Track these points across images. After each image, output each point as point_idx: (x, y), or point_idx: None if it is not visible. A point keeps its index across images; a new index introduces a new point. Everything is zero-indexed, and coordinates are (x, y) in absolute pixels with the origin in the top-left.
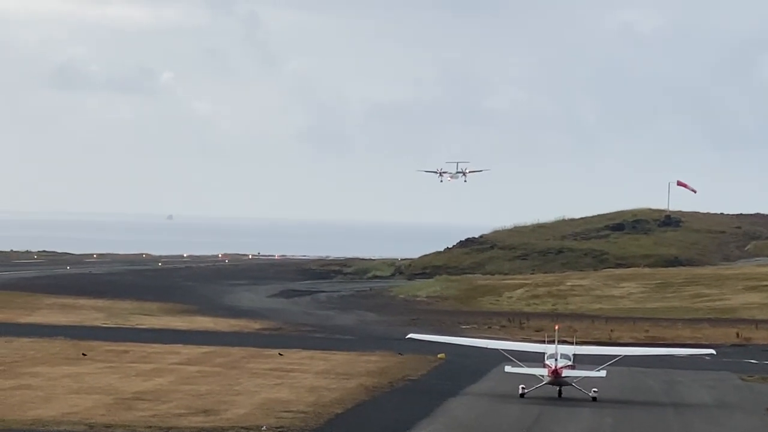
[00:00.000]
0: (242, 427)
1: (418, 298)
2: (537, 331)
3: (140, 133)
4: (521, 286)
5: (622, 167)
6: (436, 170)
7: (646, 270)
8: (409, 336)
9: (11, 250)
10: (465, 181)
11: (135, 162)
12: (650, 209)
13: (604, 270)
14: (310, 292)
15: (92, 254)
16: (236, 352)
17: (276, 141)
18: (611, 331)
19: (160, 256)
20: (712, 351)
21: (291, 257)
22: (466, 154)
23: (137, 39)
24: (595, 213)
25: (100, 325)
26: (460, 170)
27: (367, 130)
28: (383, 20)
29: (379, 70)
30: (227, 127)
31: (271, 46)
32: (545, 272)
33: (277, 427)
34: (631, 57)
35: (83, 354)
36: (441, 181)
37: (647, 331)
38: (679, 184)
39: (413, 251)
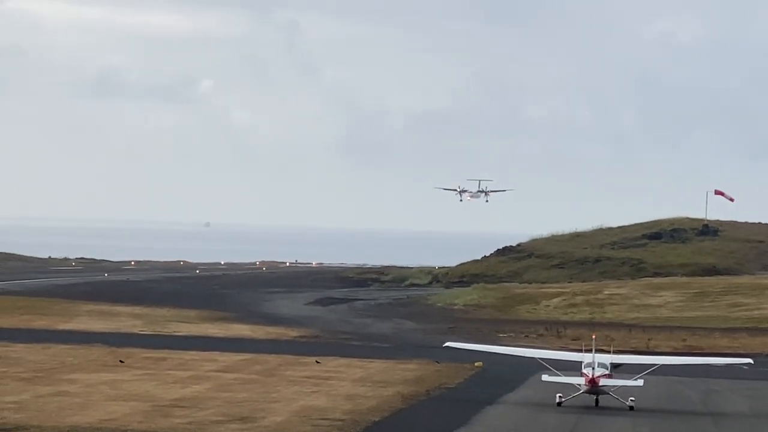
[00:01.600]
0: None
1: (456, 307)
2: (574, 339)
3: (179, 141)
4: (558, 294)
5: (660, 176)
6: (455, 188)
7: (684, 279)
8: (447, 344)
9: (49, 257)
10: (487, 201)
11: (173, 170)
12: (688, 218)
13: (642, 279)
14: (347, 300)
15: (130, 261)
16: (273, 359)
17: (314, 149)
18: (649, 340)
19: (198, 264)
20: (749, 360)
21: (328, 265)
22: (502, 163)
23: (177, 47)
24: (633, 222)
25: (137, 332)
26: (481, 189)
27: (404, 140)
28: (420, 30)
29: (416, 79)
30: (265, 135)
31: (310, 54)
32: (582, 281)
33: None
34: (669, 66)
35: (121, 361)
36: (461, 200)
37: (684, 340)
38: (717, 192)
39: (451, 259)
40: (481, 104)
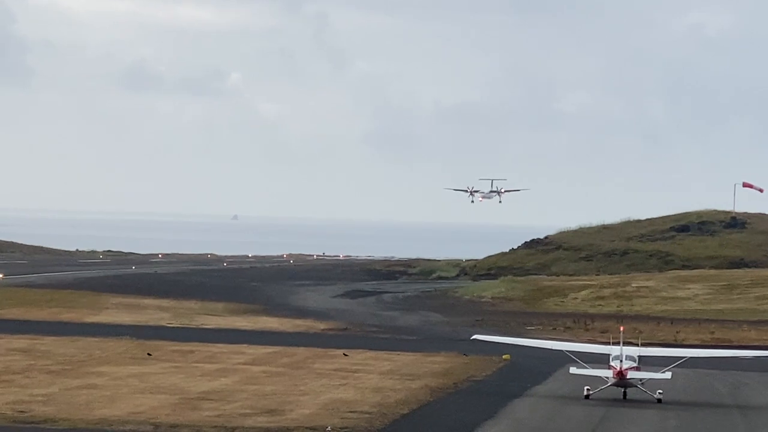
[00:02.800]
0: (307, 428)
1: (483, 299)
2: (602, 332)
3: (207, 134)
4: (586, 287)
5: (689, 168)
6: (466, 188)
7: (712, 271)
8: (474, 337)
9: (77, 250)
10: (500, 201)
11: (201, 162)
12: (716, 210)
13: (670, 271)
14: (375, 293)
15: (158, 254)
16: (301, 352)
17: (342, 142)
18: (677, 332)
19: (225, 256)
20: None
21: (356, 258)
22: (531, 156)
23: (206, 40)
24: (661, 214)
25: (165, 324)
26: (494, 189)
27: (434, 133)
28: (451, 23)
29: (446, 72)
30: (294, 128)
31: (340, 47)
32: (610, 273)
33: (341, 428)
34: (700, 59)
35: (149, 354)
36: (472, 201)
37: (713, 332)
38: (745, 185)
39: (478, 252)
40: (511, 97)
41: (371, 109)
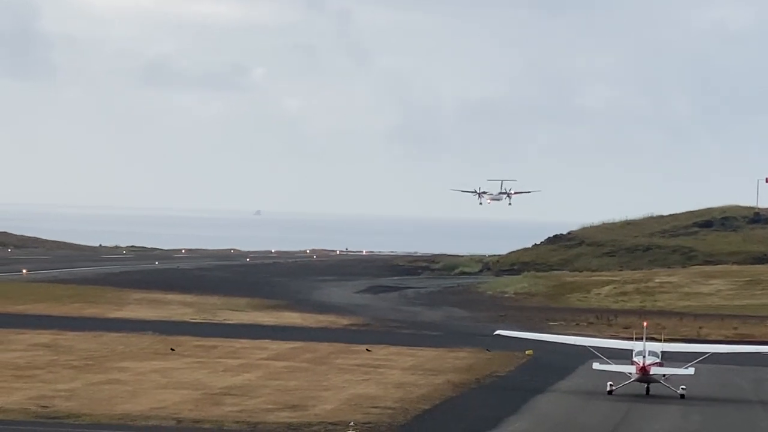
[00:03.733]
0: (330, 423)
1: (506, 295)
2: (625, 328)
3: (230, 129)
4: (609, 283)
5: (711, 164)
6: (474, 190)
7: (735, 267)
8: (497, 332)
9: (100, 246)
10: (510, 203)
11: (224, 158)
12: (739, 206)
13: (693, 267)
14: (397, 288)
15: (181, 249)
16: (324, 347)
17: (365, 138)
18: (699, 328)
19: (248, 252)
20: None
21: (379, 253)
22: (554, 151)
23: (228, 35)
24: (684, 210)
25: (188, 320)
26: (504, 190)
27: (457, 128)
28: (473, 18)
29: (469, 68)
30: (317, 123)
31: (363, 43)
32: (633, 269)
33: (364, 423)
34: (722, 54)
35: (172, 349)
36: (480, 203)
37: (736, 328)
38: None
39: (501, 247)
40: (533, 92)
41: (393, 105)
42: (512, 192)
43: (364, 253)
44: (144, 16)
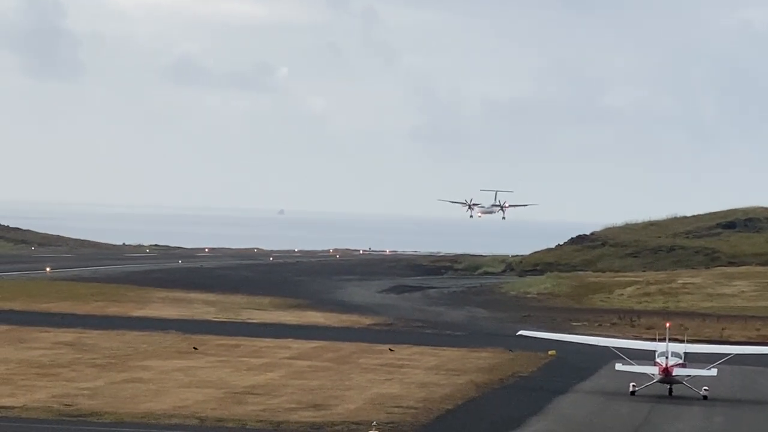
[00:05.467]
0: (352, 423)
1: (529, 295)
2: (648, 329)
3: (254, 128)
4: (632, 283)
5: (735, 165)
6: (463, 201)
7: (758, 268)
8: (520, 333)
9: (123, 244)
10: (503, 217)
11: (248, 157)
12: (763, 207)
13: (716, 268)
14: (420, 288)
15: (204, 248)
16: (347, 347)
17: (390, 137)
18: (723, 329)
19: (272, 251)
20: None
21: (402, 253)
22: (579, 151)
23: (254, 35)
24: (707, 211)
25: (211, 319)
26: (497, 203)
27: (482, 128)
28: (499, 18)
29: (494, 67)
30: (341, 122)
31: (387, 42)
32: (656, 270)
33: (387, 423)
34: (749, 55)
35: (194, 348)
36: (470, 216)
37: (759, 329)
38: None
39: (524, 248)
40: (559, 92)
41: (418, 104)
42: (506, 205)
43: (387, 252)
44: (170, 15)
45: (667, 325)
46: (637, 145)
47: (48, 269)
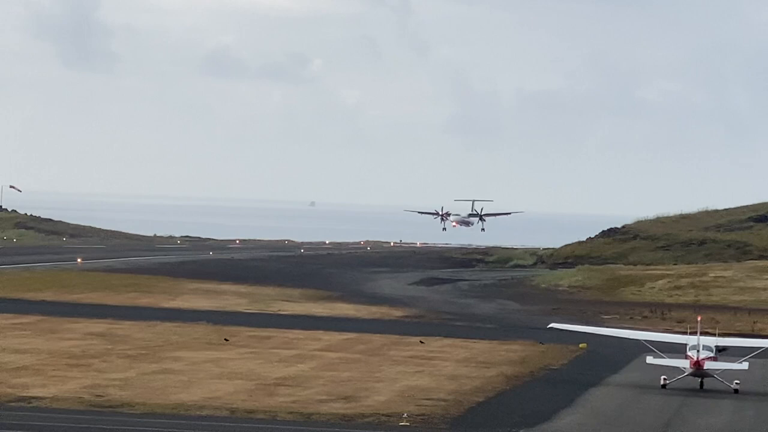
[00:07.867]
0: (383, 415)
1: (560, 288)
2: (679, 322)
3: (288, 120)
4: (663, 276)
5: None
6: (435, 212)
7: None
8: (551, 325)
9: (155, 235)
10: (483, 229)
11: (280, 148)
12: None
13: (748, 261)
14: (451, 281)
15: (235, 240)
16: (377, 339)
17: (423, 129)
18: (754, 323)
19: (303, 243)
20: None
21: (433, 245)
22: (613, 144)
23: (288, 27)
24: (739, 204)
25: (242, 310)
26: (474, 212)
27: (516, 120)
28: (533, 10)
29: (528, 60)
30: (374, 114)
31: (422, 35)
32: (688, 263)
33: (417, 415)
34: None
35: (226, 339)
36: (444, 228)
37: None
38: None
39: (556, 241)
40: (593, 85)
41: (452, 96)
42: (484, 214)
43: (418, 245)
44: (204, 7)
45: (698, 318)
46: (670, 138)
47: (79, 260)
